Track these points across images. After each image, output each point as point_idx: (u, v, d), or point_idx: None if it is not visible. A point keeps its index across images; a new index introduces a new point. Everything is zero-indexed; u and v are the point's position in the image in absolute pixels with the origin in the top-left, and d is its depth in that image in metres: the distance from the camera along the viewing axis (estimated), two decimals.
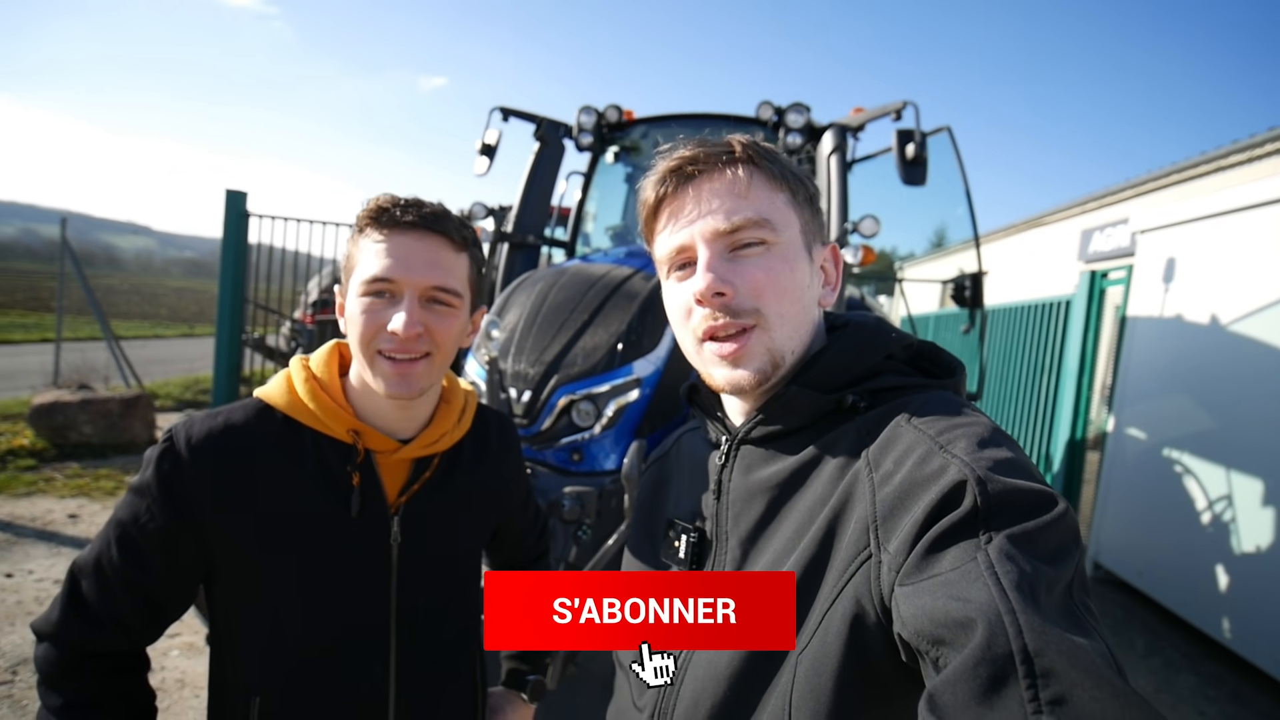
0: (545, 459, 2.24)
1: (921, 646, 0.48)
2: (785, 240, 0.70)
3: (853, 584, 0.58)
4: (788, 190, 0.72)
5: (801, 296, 0.71)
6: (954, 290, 3.73)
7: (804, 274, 0.72)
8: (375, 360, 0.92)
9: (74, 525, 4.41)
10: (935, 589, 0.49)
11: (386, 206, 0.91)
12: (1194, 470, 3.96)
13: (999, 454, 0.55)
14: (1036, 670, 0.42)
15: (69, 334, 8.51)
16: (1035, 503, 0.52)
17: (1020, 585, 0.45)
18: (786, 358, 0.70)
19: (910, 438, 0.61)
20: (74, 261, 7.53)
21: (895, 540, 0.55)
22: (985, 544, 0.49)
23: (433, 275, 0.92)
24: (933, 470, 0.56)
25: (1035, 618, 0.44)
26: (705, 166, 0.71)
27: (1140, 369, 4.61)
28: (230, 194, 6.05)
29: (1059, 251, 11.33)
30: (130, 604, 0.89)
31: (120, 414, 6.18)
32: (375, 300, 0.91)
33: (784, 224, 0.71)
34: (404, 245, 0.91)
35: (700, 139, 0.73)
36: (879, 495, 0.59)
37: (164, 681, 2.76)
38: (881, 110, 3.45)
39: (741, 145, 0.71)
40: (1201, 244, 4.17)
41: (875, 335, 0.73)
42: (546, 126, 3.92)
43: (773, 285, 0.69)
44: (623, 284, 2.51)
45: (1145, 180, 9.37)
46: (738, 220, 0.69)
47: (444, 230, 0.93)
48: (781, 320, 0.69)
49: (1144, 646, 3.78)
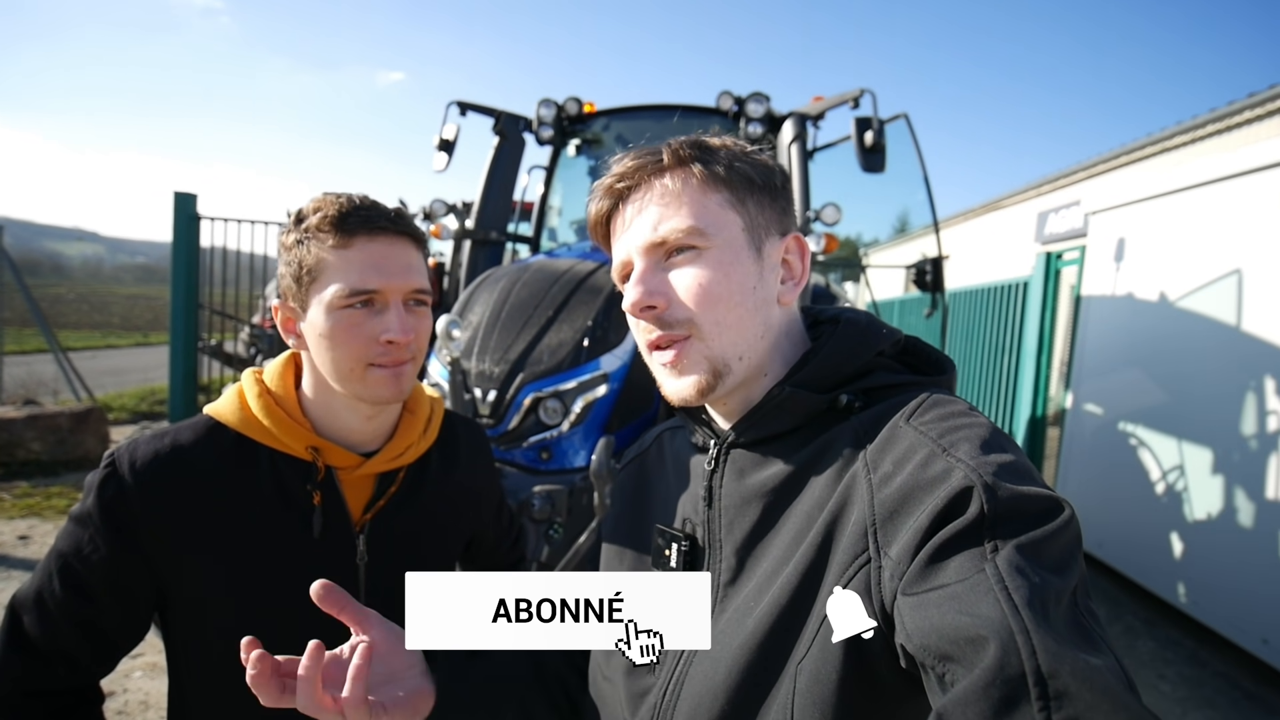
0: (513, 458, 2.21)
1: (927, 661, 0.48)
2: (721, 243, 0.68)
3: (850, 588, 0.57)
4: (726, 189, 0.69)
5: (744, 299, 0.69)
6: (915, 275, 3.79)
7: (745, 275, 0.69)
8: (367, 372, 0.88)
9: (25, 547, 4.23)
10: (942, 602, 0.48)
11: (346, 210, 0.86)
12: (1148, 442, 4.10)
13: (1003, 458, 0.54)
14: (1050, 692, 0.41)
15: (12, 347, 8.13)
16: (1041, 510, 0.51)
17: (1032, 602, 0.45)
18: (732, 364, 0.69)
19: (910, 439, 0.59)
20: (14, 270, 7.19)
21: (897, 545, 0.54)
22: (992, 554, 0.48)
23: (411, 278, 0.89)
24: (936, 474, 0.55)
25: (1049, 638, 0.43)
26: (636, 180, 0.70)
27: (1095, 346, 4.75)
28: (179, 196, 5.83)
29: (1017, 234, 11.61)
30: (76, 638, 0.84)
31: (71, 429, 5.93)
32: (356, 312, 0.86)
33: (718, 226, 0.68)
34: (379, 252, 0.87)
35: (636, 151, 0.72)
36: (878, 497, 0.58)
37: (127, 704, 2.67)
38: (840, 98, 3.48)
39: (672, 151, 0.70)
40: (1150, 223, 4.30)
41: (867, 332, 0.71)
42: (505, 120, 3.86)
43: (704, 293, 0.67)
44: (587, 279, 2.49)
45: (1097, 162, 9.65)
46: (663, 231, 0.68)
47: (409, 231, 0.91)
48: (719, 328, 0.68)
49: (1105, 615, 3.91)
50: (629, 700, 0.72)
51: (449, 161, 3.81)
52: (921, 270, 3.78)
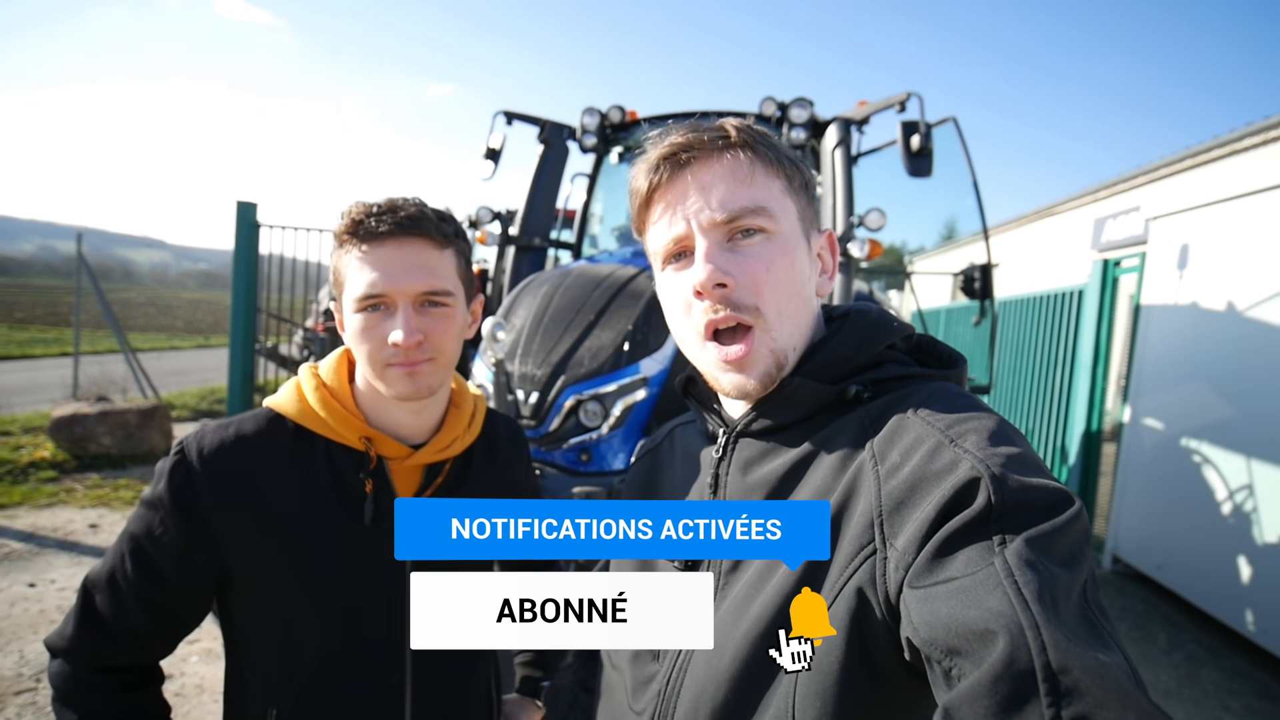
0: (554, 459, 2.24)
1: (933, 655, 0.47)
2: (784, 229, 0.68)
3: (855, 579, 0.56)
4: (784, 176, 0.70)
5: (802, 289, 0.69)
6: (963, 282, 3.70)
7: (803, 264, 0.70)
8: (385, 371, 0.92)
9: (94, 535, 4.48)
10: (950, 595, 0.47)
11: (360, 218, 0.89)
12: (1213, 460, 3.89)
13: (1011, 450, 0.53)
14: (1060, 688, 0.40)
15: (87, 348, 8.64)
16: (1050, 502, 0.50)
17: (1042, 596, 0.44)
18: (789, 356, 0.69)
19: (917, 430, 0.59)
20: (90, 276, 7.64)
21: (903, 536, 0.53)
22: (1000, 547, 0.47)
23: (420, 280, 0.90)
24: (943, 465, 0.54)
25: (1059, 633, 0.42)
26: (700, 152, 0.67)
27: (1156, 358, 4.54)
28: (241, 205, 6.12)
29: (1073, 241, 11.19)
30: (144, 617, 0.89)
31: (138, 425, 6.26)
32: (370, 315, 0.90)
33: (782, 212, 0.68)
34: (386, 255, 0.89)
35: (693, 124, 0.70)
36: (885, 488, 0.57)
37: (183, 687, 2.79)
38: (885, 102, 3.44)
39: (736, 129, 0.68)
40: (1215, 229, 4.10)
41: (877, 324, 0.71)
42: (550, 129, 3.93)
43: (772, 279, 0.66)
44: (628, 284, 2.52)
45: (1158, 166, 9.23)
46: (736, 208, 0.66)
47: (422, 231, 0.91)
48: (781, 318, 0.67)
49: (1165, 641, 3.72)
50: (634, 687, 0.73)
51: (495, 170, 3.90)
52: (970, 277, 3.68)
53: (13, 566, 3.86)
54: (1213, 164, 8.13)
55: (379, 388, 0.94)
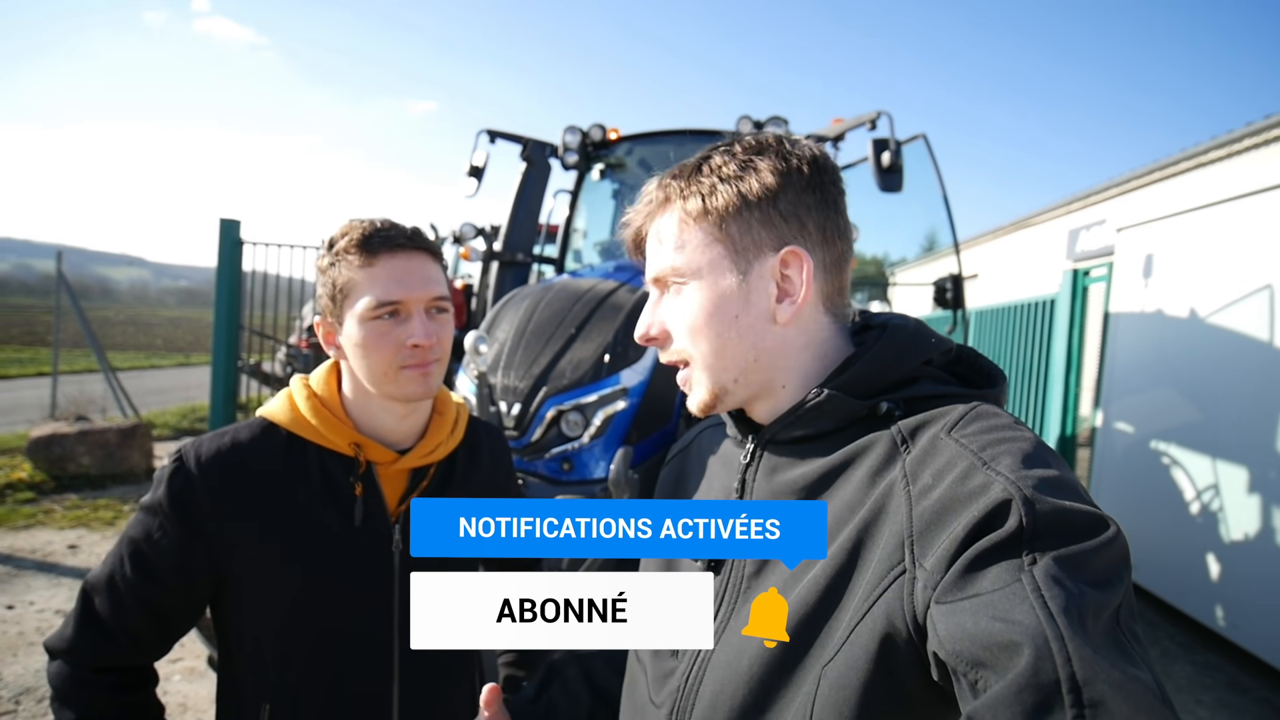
0: (536, 469, 2.28)
1: (959, 667, 0.47)
2: (702, 277, 0.71)
3: (884, 599, 0.56)
4: (705, 220, 0.70)
5: (726, 329, 0.70)
6: (935, 293, 3.80)
7: (727, 305, 0.70)
8: (399, 374, 0.97)
9: (74, 556, 4.43)
10: (976, 609, 0.47)
11: (369, 233, 0.97)
12: (1182, 461, 4.01)
13: (1046, 473, 0.53)
14: (1085, 700, 0.40)
15: (65, 367, 8.53)
16: (1085, 525, 0.49)
17: (1069, 610, 0.44)
18: (728, 386, 0.72)
19: (951, 451, 0.58)
20: (70, 295, 7.58)
21: (932, 556, 0.53)
22: (1030, 565, 0.47)
23: (430, 288, 0.99)
24: (975, 487, 0.53)
25: (1085, 646, 0.42)
26: (639, 218, 0.77)
27: (1125, 364, 4.68)
28: (224, 222, 6.12)
29: (1048, 251, 11.44)
30: (143, 618, 0.93)
31: (118, 444, 6.20)
32: (384, 322, 0.97)
33: (697, 261, 0.70)
34: (399, 266, 0.97)
35: (653, 178, 0.77)
36: (916, 510, 0.56)
37: (167, 705, 2.78)
38: (857, 120, 3.55)
39: (662, 187, 0.74)
40: (1179, 239, 4.25)
41: (913, 340, 0.70)
42: (533, 147, 4.00)
43: (688, 327, 0.71)
44: (608, 297, 2.57)
45: (1128, 178, 9.48)
46: (654, 273, 0.74)
47: (427, 246, 1.02)
48: (711, 353, 0.71)
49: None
50: (655, 681, 0.76)
51: (479, 187, 3.95)
52: (942, 288, 3.79)
53: None
54: (1178, 176, 8.37)
55: (384, 391, 0.99)
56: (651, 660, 0.78)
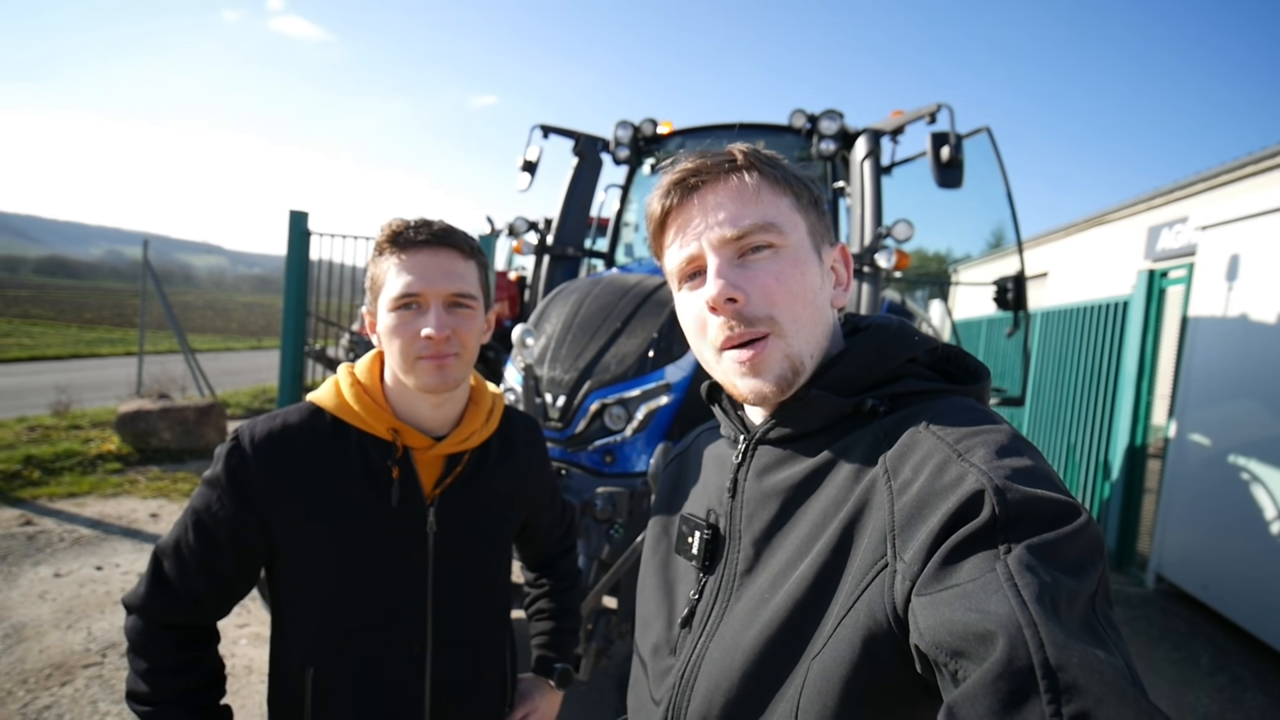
0: (579, 461, 2.33)
1: (939, 658, 0.48)
2: (793, 243, 0.70)
3: (868, 593, 0.57)
4: (791, 194, 0.72)
5: (814, 299, 0.71)
6: (996, 293, 3.67)
7: (814, 276, 0.71)
8: (415, 364, 1.03)
9: (155, 523, 4.77)
10: (953, 600, 0.48)
11: (400, 230, 1.03)
12: (1262, 478, 3.75)
13: (1019, 462, 0.54)
14: (1060, 685, 0.41)
15: (150, 348, 9.15)
16: (1056, 513, 0.51)
17: (1041, 598, 0.44)
18: (805, 363, 0.70)
19: (928, 445, 0.60)
20: (155, 280, 8.09)
21: (911, 550, 0.54)
22: (1004, 554, 0.48)
23: (450, 283, 1.03)
24: (950, 479, 0.55)
25: (1057, 631, 0.43)
26: (708, 176, 0.71)
27: (1203, 372, 4.39)
28: (293, 214, 6.41)
29: (1125, 250, 10.84)
30: (204, 581, 1.02)
31: (195, 421, 6.63)
32: (405, 313, 1.02)
33: (790, 226, 0.70)
34: (421, 261, 1.02)
35: (702, 150, 0.73)
36: (897, 504, 0.58)
37: (233, 668, 2.97)
38: (916, 114, 3.45)
39: (742, 153, 0.72)
40: (1270, 240, 3.96)
41: (896, 338, 0.71)
42: (584, 142, 4.05)
43: (784, 290, 0.68)
44: (654, 292, 2.60)
45: (1214, 174, 8.89)
46: (745, 225, 0.69)
47: (453, 243, 1.05)
48: (796, 325, 0.69)
49: (1209, 663, 3.59)
50: (654, 679, 0.78)
51: (532, 181, 4.03)
52: (1003, 288, 3.65)
53: (82, 550, 4.15)
54: (1269, 172, 7.79)
55: (408, 381, 1.05)
56: (651, 659, 0.80)
